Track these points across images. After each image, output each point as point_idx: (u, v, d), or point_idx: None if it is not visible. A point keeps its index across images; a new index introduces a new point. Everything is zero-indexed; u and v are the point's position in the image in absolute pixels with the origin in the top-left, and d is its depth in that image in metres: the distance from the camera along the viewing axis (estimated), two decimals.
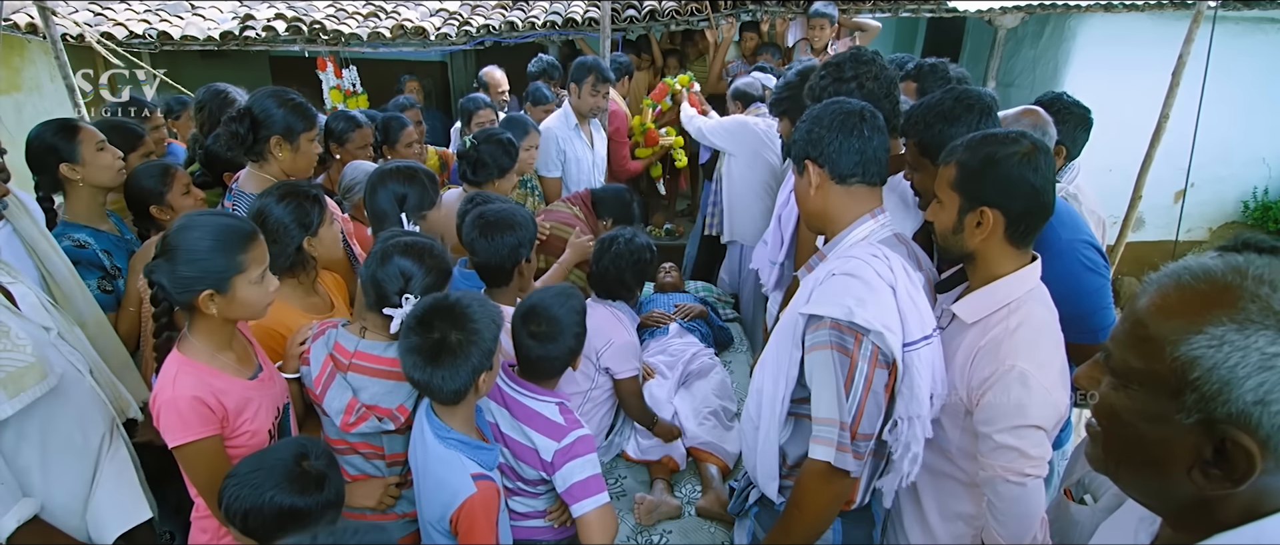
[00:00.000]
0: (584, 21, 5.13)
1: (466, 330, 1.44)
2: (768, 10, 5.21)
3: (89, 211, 2.16)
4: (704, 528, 2.45)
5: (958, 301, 1.51)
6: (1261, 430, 0.64)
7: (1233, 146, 5.75)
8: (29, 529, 1.39)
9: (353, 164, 2.78)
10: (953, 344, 1.49)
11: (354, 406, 1.58)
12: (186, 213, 1.51)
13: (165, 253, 1.41)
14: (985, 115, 1.71)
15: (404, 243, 1.62)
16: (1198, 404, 0.67)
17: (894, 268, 1.40)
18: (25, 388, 1.36)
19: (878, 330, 1.32)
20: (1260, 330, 0.64)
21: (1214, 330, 0.66)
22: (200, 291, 1.41)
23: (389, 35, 5.17)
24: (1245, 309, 0.65)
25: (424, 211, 2.09)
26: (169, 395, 1.41)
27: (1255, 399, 0.64)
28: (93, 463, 1.55)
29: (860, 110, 1.49)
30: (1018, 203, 1.38)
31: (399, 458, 1.70)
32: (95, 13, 5.19)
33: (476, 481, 1.47)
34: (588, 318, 2.46)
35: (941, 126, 1.67)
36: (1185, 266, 0.72)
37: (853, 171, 1.47)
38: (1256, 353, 0.64)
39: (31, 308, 1.58)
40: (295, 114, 2.05)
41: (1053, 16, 5.58)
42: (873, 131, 1.47)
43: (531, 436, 1.67)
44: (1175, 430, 0.69)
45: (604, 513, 1.62)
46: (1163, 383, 0.69)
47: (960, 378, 1.45)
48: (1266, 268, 0.67)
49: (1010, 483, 1.36)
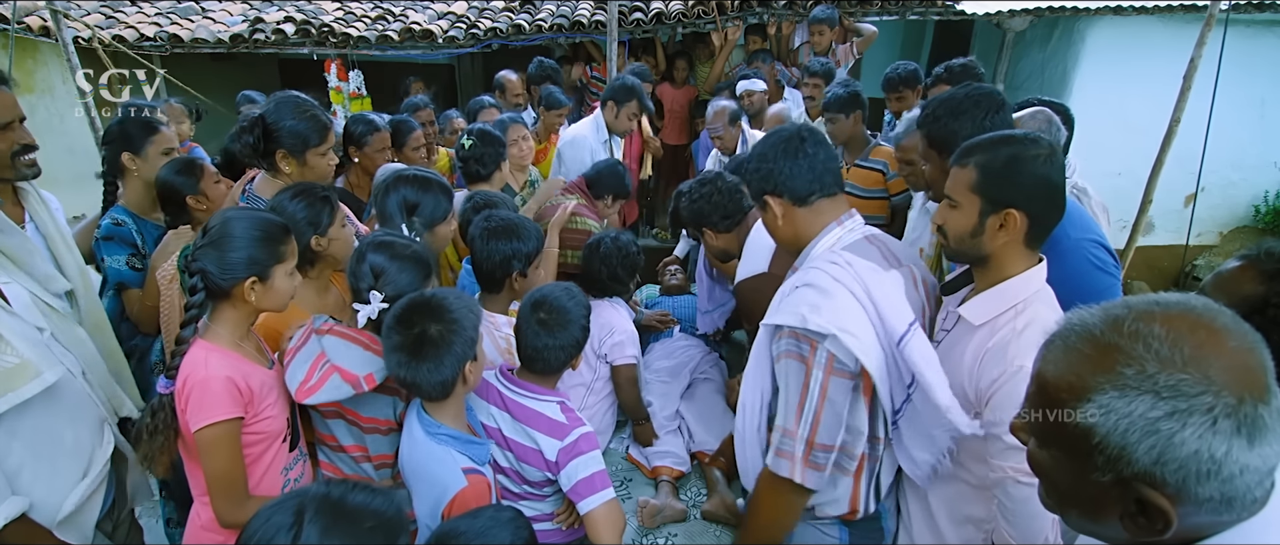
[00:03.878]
0: (591, 24, 5.14)
1: (446, 321, 1.45)
2: (774, 13, 5.21)
3: (140, 201, 2.35)
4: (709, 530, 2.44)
5: (963, 304, 1.50)
6: (1168, 486, 0.66)
7: (1244, 150, 5.70)
8: (16, 527, 1.40)
9: (384, 168, 2.81)
10: (959, 346, 1.47)
11: (319, 362, 1.56)
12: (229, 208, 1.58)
13: (212, 241, 1.46)
14: (995, 111, 1.72)
15: (378, 240, 1.65)
16: (1107, 465, 0.69)
17: (859, 270, 1.40)
18: (14, 387, 1.36)
19: (832, 333, 1.32)
20: (1138, 396, 0.65)
21: (1099, 398, 0.67)
22: (246, 278, 1.46)
23: (397, 38, 5.20)
24: (1121, 374, 0.67)
25: (436, 224, 2.09)
26: (201, 376, 1.43)
27: (1152, 461, 0.66)
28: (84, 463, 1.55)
29: (797, 131, 1.53)
30: (1040, 204, 1.38)
31: (386, 460, 1.70)
32: (106, 16, 5.25)
33: (467, 475, 1.47)
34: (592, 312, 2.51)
35: (948, 120, 1.72)
36: (1070, 325, 0.74)
37: (810, 189, 1.50)
38: (1141, 419, 0.65)
39: (25, 307, 1.59)
40: (307, 128, 2.02)
41: (1062, 19, 5.55)
42: (816, 147, 1.51)
43: (535, 437, 1.67)
44: (1097, 486, 0.71)
45: (610, 508, 1.61)
46: (1073, 446, 0.71)
47: (969, 380, 1.43)
48: (1140, 321, 0.68)
49: (1021, 484, 1.34)
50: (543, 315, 1.68)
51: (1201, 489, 0.65)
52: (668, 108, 5.78)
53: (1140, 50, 5.37)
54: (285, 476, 1.63)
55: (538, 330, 1.68)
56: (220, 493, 1.48)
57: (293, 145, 2.01)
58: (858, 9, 5.10)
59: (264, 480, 1.58)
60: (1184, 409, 0.64)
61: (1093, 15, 5.31)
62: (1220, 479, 0.64)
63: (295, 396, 1.55)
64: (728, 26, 5.21)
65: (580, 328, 1.73)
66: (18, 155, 1.82)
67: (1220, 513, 0.68)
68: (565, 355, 1.71)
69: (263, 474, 1.57)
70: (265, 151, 2.03)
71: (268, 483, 1.59)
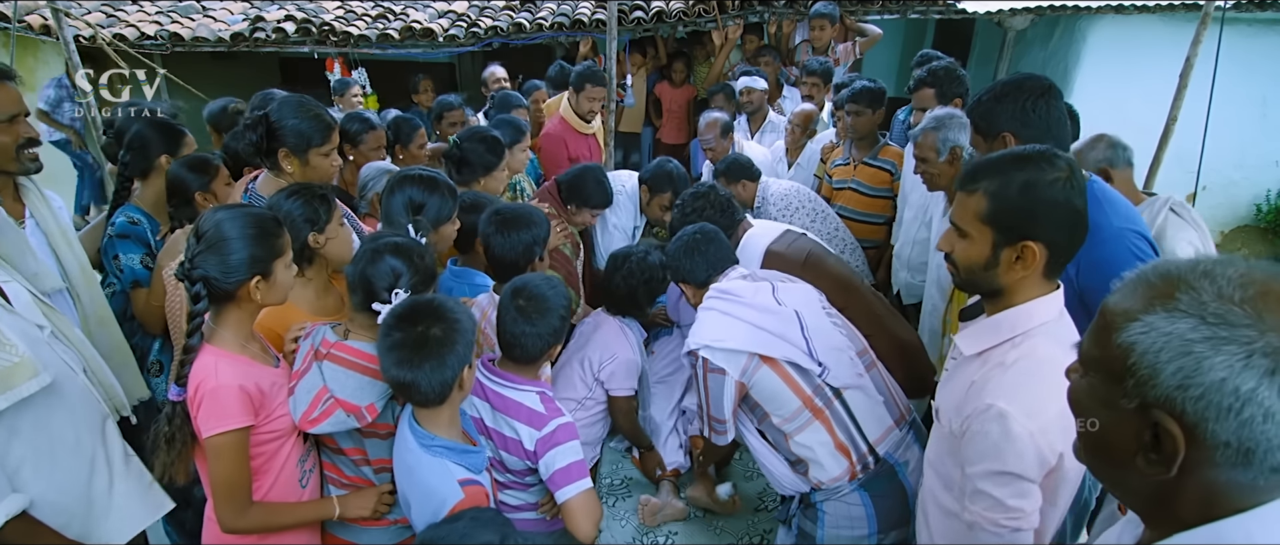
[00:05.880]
0: (591, 23, 5.14)
1: (447, 323, 1.45)
2: (774, 12, 5.20)
3: (157, 200, 2.34)
4: (709, 530, 2.45)
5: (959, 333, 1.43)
6: (1187, 416, 0.66)
7: (1246, 149, 5.69)
8: (17, 525, 1.40)
9: (369, 165, 2.79)
10: (959, 376, 1.40)
11: (322, 396, 1.56)
12: (214, 208, 1.55)
13: (210, 245, 1.43)
14: (1039, 96, 1.65)
15: (394, 243, 1.64)
16: (1135, 388, 0.69)
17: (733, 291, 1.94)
18: (14, 385, 1.37)
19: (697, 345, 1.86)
20: (1185, 317, 0.66)
21: (1147, 318, 0.69)
22: (250, 278, 1.46)
23: (397, 37, 5.20)
24: (1177, 299, 0.68)
25: (441, 225, 2.09)
26: (212, 385, 1.43)
27: (1176, 384, 0.66)
28: (87, 461, 1.56)
29: (694, 234, 2.10)
30: (1063, 233, 1.24)
31: (385, 464, 1.69)
32: (107, 14, 5.25)
33: (464, 486, 1.46)
34: (597, 329, 2.48)
35: (990, 102, 1.68)
36: (1154, 265, 0.75)
37: (709, 276, 2.06)
38: (1178, 339, 0.66)
39: (25, 306, 1.59)
40: (310, 128, 2.02)
41: (1063, 18, 5.54)
42: (710, 243, 2.08)
43: (515, 427, 1.68)
44: (1123, 416, 0.72)
45: (587, 498, 1.63)
46: (1110, 368, 0.72)
47: (955, 414, 1.35)
48: (1221, 266, 0.69)
49: (988, 531, 1.28)
50: (522, 302, 1.68)
51: (1218, 427, 0.64)
52: (666, 107, 5.78)
53: (1141, 49, 5.37)
54: (301, 469, 1.64)
55: (516, 317, 1.68)
56: (224, 499, 1.49)
57: (295, 144, 2.01)
58: (859, 8, 5.09)
59: (282, 475, 1.59)
60: (1224, 336, 0.64)
61: (1094, 14, 5.30)
62: (1239, 419, 0.63)
63: (299, 425, 1.56)
64: (728, 25, 5.21)
65: (559, 317, 1.73)
66: (22, 148, 1.83)
67: (1236, 468, 0.66)
68: (543, 343, 1.71)
69: (280, 469, 1.58)
70: (268, 150, 2.03)
71: (285, 476, 1.60)
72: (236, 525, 1.51)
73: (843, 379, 1.85)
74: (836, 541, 1.88)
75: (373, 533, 1.74)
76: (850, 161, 3.44)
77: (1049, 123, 1.69)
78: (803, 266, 2.26)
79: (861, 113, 3.26)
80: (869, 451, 1.85)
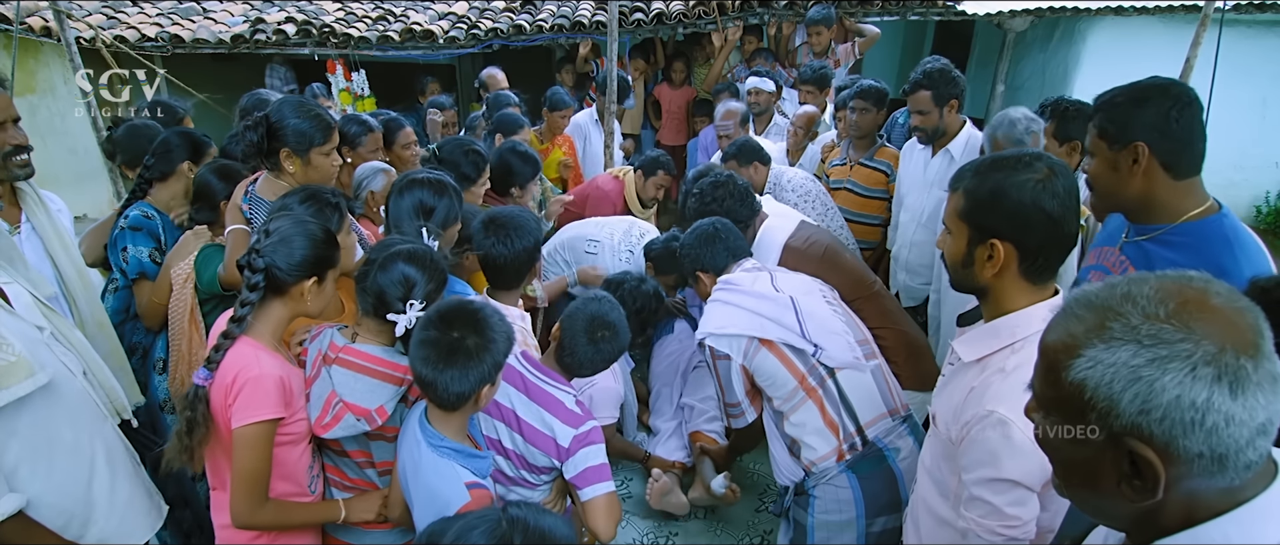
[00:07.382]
0: (592, 25, 5.15)
1: (484, 336, 1.43)
2: (774, 14, 5.21)
3: (170, 201, 2.39)
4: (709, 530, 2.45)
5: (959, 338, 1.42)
6: (1156, 438, 0.67)
7: (1246, 151, 5.70)
8: (12, 524, 1.40)
9: (364, 164, 2.78)
10: (957, 382, 1.39)
11: (332, 401, 1.57)
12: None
13: (281, 239, 1.50)
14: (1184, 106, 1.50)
15: (407, 250, 1.63)
16: (1099, 420, 0.70)
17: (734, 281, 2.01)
18: (8, 384, 1.37)
19: (703, 335, 1.95)
20: (1122, 345, 0.68)
21: (1089, 352, 0.70)
22: (309, 278, 1.53)
23: (398, 38, 5.21)
24: (1109, 328, 0.70)
25: (449, 228, 2.08)
26: (255, 372, 1.47)
27: (1137, 410, 0.67)
28: (87, 463, 1.56)
29: (711, 225, 2.14)
30: (1032, 235, 1.25)
31: (389, 466, 1.69)
32: (108, 16, 5.26)
33: (470, 489, 1.46)
34: None
35: (1128, 105, 1.54)
36: (1074, 297, 0.77)
37: (727, 264, 2.11)
38: (1124, 367, 0.67)
39: (26, 307, 1.59)
40: (311, 127, 2.02)
41: (1062, 20, 5.55)
42: (728, 233, 2.14)
43: (551, 423, 1.70)
44: (1093, 449, 0.73)
45: (611, 499, 1.68)
46: (1069, 407, 0.73)
47: (953, 420, 1.35)
48: (1135, 285, 0.71)
49: (983, 539, 1.27)
50: (603, 333, 1.88)
51: (1188, 442, 0.66)
52: (666, 108, 5.79)
53: (1141, 50, 5.37)
54: (310, 475, 1.66)
55: (588, 346, 1.87)
56: (244, 491, 1.49)
57: (297, 144, 2.01)
58: (859, 9, 5.10)
59: (294, 479, 1.61)
60: (1165, 355, 0.66)
61: (1093, 15, 5.31)
62: (1205, 429, 0.65)
63: (313, 429, 1.59)
64: (728, 27, 5.22)
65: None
66: (10, 156, 1.83)
67: (1215, 475, 0.68)
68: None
69: (290, 471, 1.60)
70: (269, 150, 2.03)
71: (297, 479, 1.61)
72: (251, 520, 1.52)
73: (838, 359, 1.90)
74: (826, 525, 1.90)
75: (374, 535, 1.74)
76: (847, 162, 3.44)
77: (1192, 137, 1.52)
78: (820, 262, 2.27)
79: (867, 110, 3.26)
80: (857, 433, 1.89)
